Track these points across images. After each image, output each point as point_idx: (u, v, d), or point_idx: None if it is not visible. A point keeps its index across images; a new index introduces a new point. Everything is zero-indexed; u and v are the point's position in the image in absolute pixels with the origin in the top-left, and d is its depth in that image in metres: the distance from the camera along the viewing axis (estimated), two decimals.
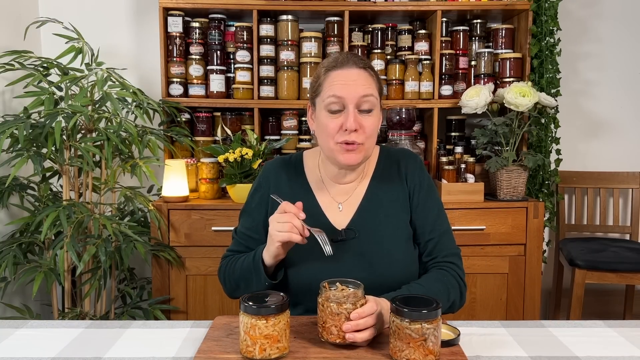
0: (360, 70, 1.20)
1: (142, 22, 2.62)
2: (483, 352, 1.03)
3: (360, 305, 1.00)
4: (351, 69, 1.20)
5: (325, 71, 1.22)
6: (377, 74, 1.25)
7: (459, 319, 1.38)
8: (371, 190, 1.30)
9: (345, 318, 0.99)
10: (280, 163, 1.36)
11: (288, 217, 1.11)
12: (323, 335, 1.02)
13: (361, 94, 1.18)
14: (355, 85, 1.18)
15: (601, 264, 2.32)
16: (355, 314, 0.98)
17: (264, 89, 2.43)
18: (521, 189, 2.31)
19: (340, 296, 1.00)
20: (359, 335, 0.99)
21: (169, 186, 2.20)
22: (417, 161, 1.34)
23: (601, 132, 2.81)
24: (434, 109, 2.44)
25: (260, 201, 1.32)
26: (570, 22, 2.69)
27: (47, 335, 1.12)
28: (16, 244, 1.95)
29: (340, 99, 1.18)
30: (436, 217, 1.29)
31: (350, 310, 0.99)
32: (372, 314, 1.01)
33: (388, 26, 2.51)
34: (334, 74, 1.20)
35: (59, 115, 1.90)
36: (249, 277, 1.22)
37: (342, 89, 1.18)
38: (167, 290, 2.21)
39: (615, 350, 1.05)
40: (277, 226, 1.11)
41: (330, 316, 0.99)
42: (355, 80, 1.18)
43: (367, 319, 0.99)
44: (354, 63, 1.21)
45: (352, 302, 0.99)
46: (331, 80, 1.20)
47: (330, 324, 1.00)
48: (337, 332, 0.99)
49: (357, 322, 0.98)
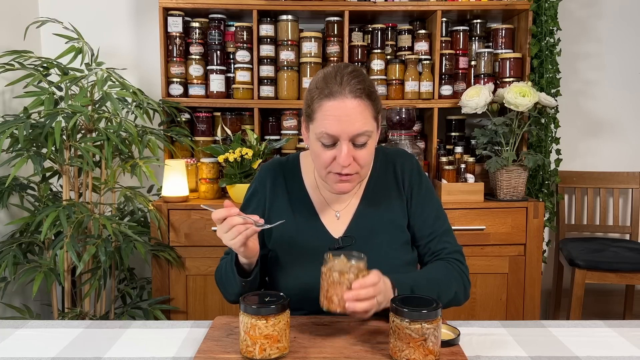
0: (356, 100, 1.10)
1: (142, 22, 2.62)
2: (483, 352, 1.03)
3: (362, 276, 1.02)
4: (345, 99, 1.09)
5: (319, 98, 1.12)
6: (374, 97, 1.14)
7: (459, 319, 1.38)
8: (367, 195, 1.28)
9: (347, 288, 1.00)
10: (276, 165, 1.34)
11: (227, 223, 1.06)
12: (324, 304, 1.03)
13: (355, 132, 1.10)
14: (349, 121, 1.09)
15: (601, 264, 2.32)
16: (357, 284, 1.00)
17: (264, 89, 2.43)
18: (521, 189, 2.31)
19: (343, 266, 1.02)
20: (359, 305, 1.00)
21: (169, 186, 2.20)
22: (413, 162, 1.32)
23: (601, 132, 2.81)
24: (434, 109, 2.44)
25: (257, 206, 1.31)
26: (570, 22, 2.69)
27: (47, 335, 1.12)
28: (16, 244, 1.95)
29: (332, 136, 1.11)
30: (435, 219, 1.28)
31: (352, 280, 1.00)
32: (374, 285, 1.02)
33: (388, 26, 2.51)
34: (328, 105, 1.10)
35: (59, 115, 1.90)
36: (229, 279, 1.21)
37: (335, 125, 1.09)
38: (167, 290, 2.21)
39: (615, 350, 1.05)
40: (226, 237, 1.07)
41: (332, 285, 1.01)
42: (349, 116, 1.09)
43: (368, 289, 1.01)
44: (350, 92, 1.10)
45: (354, 272, 1.01)
46: (324, 111, 1.11)
47: (332, 293, 1.01)
48: (337, 301, 1.01)
49: (358, 292, 0.99)
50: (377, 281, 1.03)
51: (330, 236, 1.25)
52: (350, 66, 1.16)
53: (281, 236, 1.26)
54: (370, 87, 1.14)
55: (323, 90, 1.12)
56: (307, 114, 1.17)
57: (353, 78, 1.12)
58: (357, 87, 1.11)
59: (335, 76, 1.12)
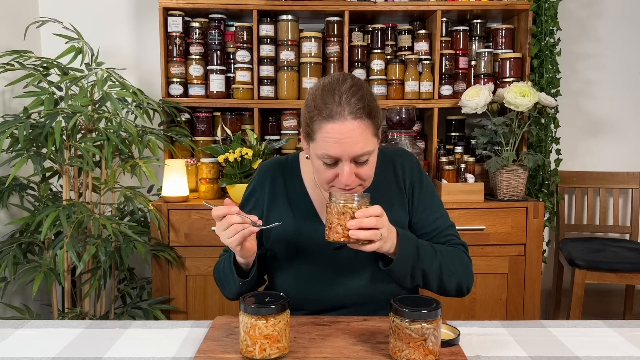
0: (356, 122, 1.08)
1: (142, 22, 2.62)
2: (483, 352, 1.03)
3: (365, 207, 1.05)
4: (345, 122, 1.07)
5: (318, 120, 1.10)
6: (374, 114, 1.12)
7: (459, 319, 1.38)
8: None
9: (350, 217, 1.03)
10: (275, 165, 1.34)
11: (226, 220, 1.07)
12: (329, 235, 1.05)
13: (356, 153, 1.10)
14: (350, 142, 1.08)
15: (601, 264, 2.32)
16: (360, 212, 1.03)
17: (264, 89, 2.43)
18: (521, 189, 2.31)
19: (347, 197, 1.04)
20: (361, 233, 1.02)
21: (169, 186, 2.20)
22: (413, 161, 1.33)
23: (601, 132, 2.81)
24: (434, 109, 2.44)
25: (255, 205, 1.31)
26: (570, 22, 2.69)
27: (47, 335, 1.12)
28: (16, 244, 1.95)
29: (334, 157, 1.11)
30: (438, 215, 1.29)
31: (355, 209, 1.03)
32: (377, 215, 1.04)
33: (388, 26, 2.51)
34: (328, 127, 1.08)
35: (59, 115, 1.90)
36: (227, 277, 1.23)
37: (336, 148, 1.09)
38: (167, 290, 2.21)
39: (615, 350, 1.05)
40: (224, 235, 1.08)
41: (337, 215, 1.03)
42: (350, 138, 1.08)
43: (371, 218, 1.03)
44: (350, 113, 1.07)
45: (357, 202, 1.04)
46: (324, 134, 1.09)
47: (336, 223, 1.04)
48: (342, 230, 1.03)
49: (361, 220, 1.02)
50: (381, 212, 1.05)
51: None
52: (348, 80, 1.12)
53: (280, 235, 1.26)
54: (370, 103, 1.11)
55: (322, 111, 1.09)
56: (306, 132, 1.15)
57: (352, 96, 1.09)
58: (357, 108, 1.08)
59: (333, 94, 1.09)
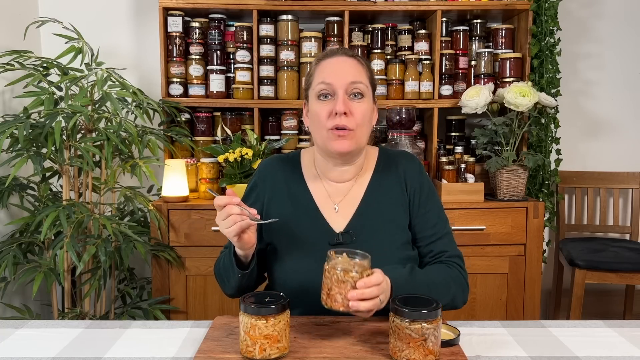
0: (350, 58, 1.24)
1: (142, 22, 2.62)
2: (483, 352, 1.03)
3: (366, 275, 1.01)
4: (341, 57, 1.24)
5: (317, 62, 1.27)
6: (368, 64, 1.29)
7: (459, 319, 1.38)
8: (369, 193, 1.29)
9: (351, 286, 0.99)
10: (277, 160, 1.36)
11: (226, 210, 1.09)
12: (327, 302, 1.01)
13: (350, 80, 1.21)
14: (344, 72, 1.22)
15: (601, 264, 2.32)
16: (362, 283, 0.99)
17: (264, 89, 2.43)
18: (521, 189, 2.31)
19: (347, 264, 1.01)
20: (362, 305, 0.99)
21: (169, 186, 2.20)
22: (416, 163, 1.34)
23: (601, 132, 2.81)
24: (434, 109, 2.44)
25: (255, 200, 1.32)
26: (570, 22, 2.69)
27: (47, 335, 1.12)
28: (16, 244, 1.95)
29: (329, 85, 1.21)
30: (437, 220, 1.29)
31: (356, 279, 0.99)
32: (379, 284, 1.02)
33: (388, 26, 2.51)
34: (324, 62, 1.25)
35: (59, 115, 1.90)
36: (227, 271, 1.24)
37: (331, 75, 1.21)
38: (167, 290, 2.21)
39: (615, 350, 1.05)
40: (223, 225, 1.10)
41: (336, 283, 1.00)
42: (344, 68, 1.22)
43: (372, 288, 1.00)
44: (344, 53, 1.25)
45: (358, 271, 1.00)
46: (322, 68, 1.24)
47: (336, 291, 1.00)
48: (341, 300, 1.00)
49: (363, 291, 0.99)
50: (382, 281, 1.03)
51: (330, 230, 1.25)
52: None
53: (281, 229, 1.26)
54: (364, 60, 1.28)
55: (321, 56, 1.28)
56: (307, 83, 1.28)
57: (348, 49, 1.32)
58: (351, 52, 1.27)
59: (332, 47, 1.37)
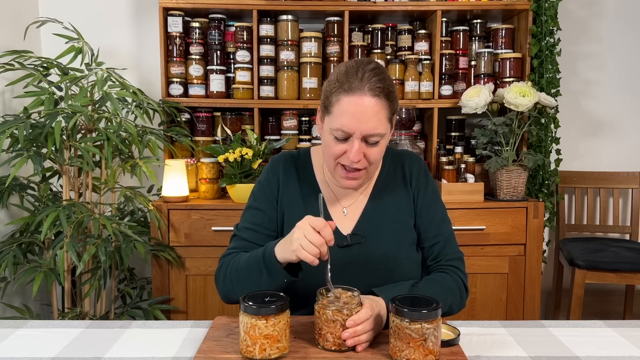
0: (374, 100, 1.11)
1: (142, 22, 2.61)
2: (483, 352, 1.03)
3: (355, 312, 1.00)
4: (364, 97, 1.11)
5: (338, 92, 1.14)
6: (392, 97, 1.16)
7: (459, 319, 1.38)
8: (376, 194, 1.29)
9: (341, 325, 0.99)
10: (287, 157, 1.34)
11: (320, 241, 1.04)
12: (319, 342, 1.02)
13: (368, 131, 1.12)
14: (364, 119, 1.11)
15: (601, 264, 2.32)
16: (351, 322, 0.99)
17: (264, 89, 2.43)
18: (521, 189, 2.31)
19: (336, 304, 1.01)
20: (358, 340, 1.00)
21: (169, 186, 2.20)
22: (421, 164, 1.34)
23: (601, 132, 2.81)
24: (434, 109, 2.44)
25: (269, 196, 1.29)
26: (570, 22, 2.68)
27: (47, 335, 1.12)
28: (16, 244, 1.95)
29: (346, 132, 1.13)
30: (440, 222, 1.29)
31: (345, 318, 0.99)
32: (368, 319, 1.01)
33: (388, 26, 2.51)
34: (346, 100, 1.12)
35: (59, 115, 1.90)
36: (256, 275, 1.14)
37: (351, 122, 1.12)
38: (167, 290, 2.21)
39: (615, 350, 1.05)
40: (305, 242, 1.04)
41: (326, 323, 1.00)
42: (365, 114, 1.11)
43: (364, 324, 1.00)
44: (369, 90, 1.11)
45: (347, 309, 1.00)
46: (342, 106, 1.13)
47: (326, 331, 1.00)
48: (332, 339, 1.00)
49: (355, 329, 0.99)
50: (370, 315, 1.02)
51: (339, 232, 1.24)
52: (372, 62, 1.17)
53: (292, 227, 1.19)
54: (390, 87, 1.15)
55: (343, 84, 1.13)
56: (324, 105, 1.18)
57: (374, 75, 1.13)
58: (376, 86, 1.12)
59: (357, 71, 1.13)
